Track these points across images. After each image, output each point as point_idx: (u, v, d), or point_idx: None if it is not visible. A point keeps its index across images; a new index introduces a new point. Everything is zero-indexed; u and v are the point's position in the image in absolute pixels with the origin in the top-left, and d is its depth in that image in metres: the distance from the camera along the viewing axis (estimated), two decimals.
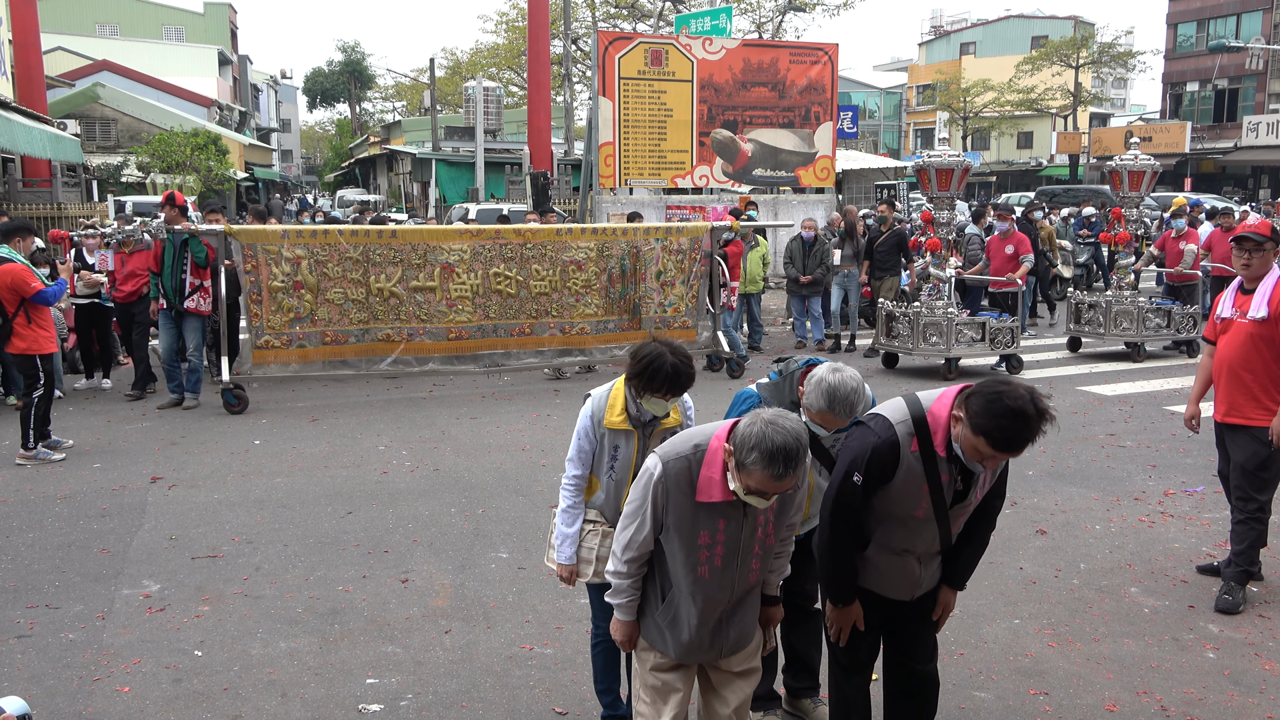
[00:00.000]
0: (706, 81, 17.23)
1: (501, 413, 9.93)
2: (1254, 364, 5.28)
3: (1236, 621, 5.16)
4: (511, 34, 41.52)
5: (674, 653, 3.20)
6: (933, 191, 11.51)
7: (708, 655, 3.22)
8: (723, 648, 3.22)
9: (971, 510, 3.41)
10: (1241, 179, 42.52)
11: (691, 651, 3.19)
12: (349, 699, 4.40)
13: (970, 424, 3.04)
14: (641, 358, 3.53)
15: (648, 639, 3.27)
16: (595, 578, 3.75)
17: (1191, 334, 12.56)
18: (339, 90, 70.31)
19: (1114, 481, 7.58)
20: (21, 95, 22.26)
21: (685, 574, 3.09)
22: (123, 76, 38.89)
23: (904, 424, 3.24)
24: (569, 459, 3.82)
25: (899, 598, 3.48)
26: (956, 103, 55.47)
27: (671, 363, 3.48)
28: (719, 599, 3.12)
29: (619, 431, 3.70)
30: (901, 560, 3.41)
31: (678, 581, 3.13)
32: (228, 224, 10.31)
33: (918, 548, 3.40)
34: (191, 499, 7.19)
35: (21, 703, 2.36)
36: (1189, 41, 44.85)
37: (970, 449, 3.09)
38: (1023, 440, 2.98)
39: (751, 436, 2.81)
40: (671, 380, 3.50)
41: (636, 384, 3.58)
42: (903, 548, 3.40)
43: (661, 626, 3.20)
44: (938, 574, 3.52)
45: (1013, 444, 2.99)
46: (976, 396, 3.04)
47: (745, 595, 3.21)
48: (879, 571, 3.44)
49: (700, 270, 11.53)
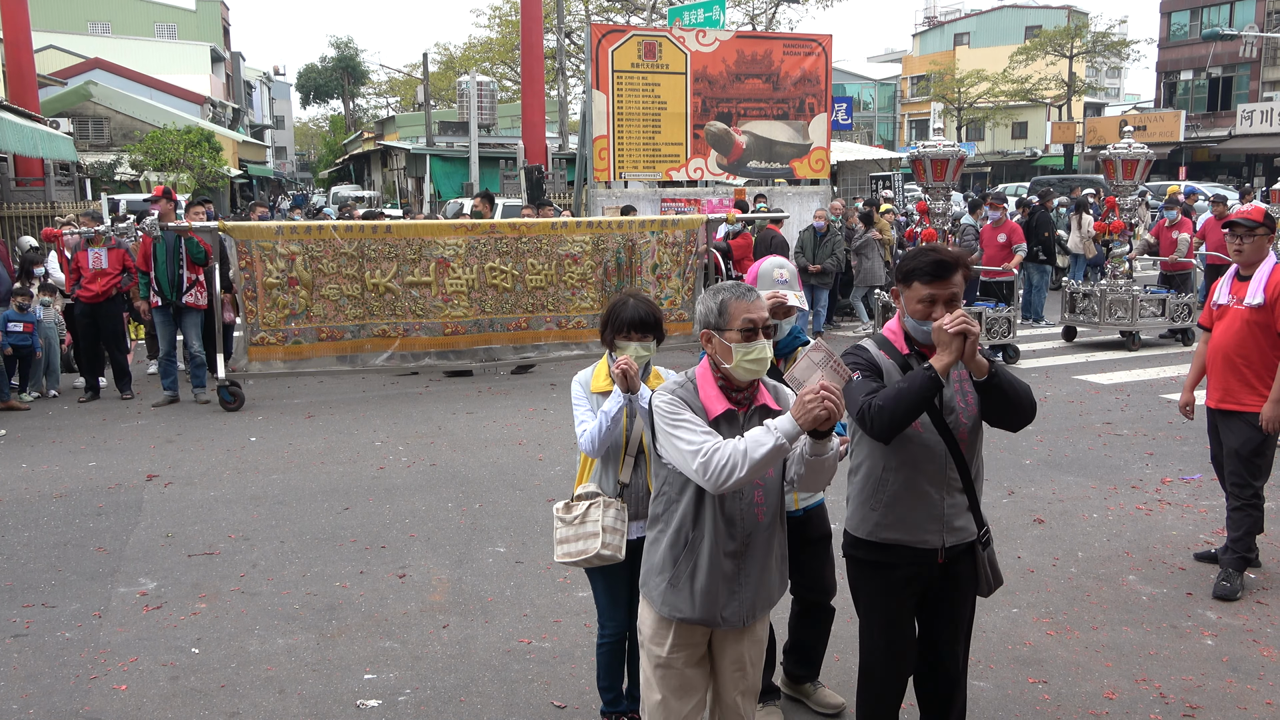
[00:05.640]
0: (700, 74, 17.18)
1: (498, 407, 9.92)
2: (1249, 350, 5.28)
3: (1234, 608, 5.17)
4: (505, 28, 41.40)
5: (696, 608, 3.08)
6: (928, 182, 11.51)
7: (726, 611, 3.10)
8: (741, 603, 3.11)
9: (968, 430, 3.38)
10: (1236, 167, 42.55)
11: (709, 601, 3.08)
12: (347, 695, 4.39)
13: (903, 281, 3.33)
14: (608, 308, 3.84)
15: (666, 612, 3.15)
16: (605, 549, 3.71)
17: (1186, 322, 12.57)
18: (332, 86, 70.09)
19: (1111, 470, 7.59)
20: (13, 94, 22.18)
21: (693, 512, 3.08)
22: (115, 74, 38.76)
23: (864, 341, 3.52)
24: (578, 423, 3.80)
25: (927, 543, 3.38)
26: (951, 94, 55.40)
27: (634, 304, 3.76)
28: (731, 534, 3.06)
29: (606, 394, 3.79)
30: (921, 495, 3.36)
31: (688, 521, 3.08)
32: (221, 220, 10.25)
33: (929, 470, 3.35)
34: (188, 496, 7.17)
35: None
36: (1183, 30, 44.83)
37: (915, 305, 3.30)
38: (946, 262, 3.26)
39: (707, 299, 3.11)
40: (634, 320, 3.72)
41: (608, 334, 3.80)
42: (917, 475, 3.35)
43: (683, 578, 3.10)
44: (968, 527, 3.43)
45: (941, 266, 3.25)
46: (895, 270, 3.44)
47: (758, 538, 3.11)
48: (902, 516, 3.37)
49: (696, 264, 11.52)
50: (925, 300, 3.26)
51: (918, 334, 3.33)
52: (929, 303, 3.25)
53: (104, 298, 10.39)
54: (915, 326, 3.32)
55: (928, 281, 3.25)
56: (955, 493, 3.39)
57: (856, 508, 3.49)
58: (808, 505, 4.11)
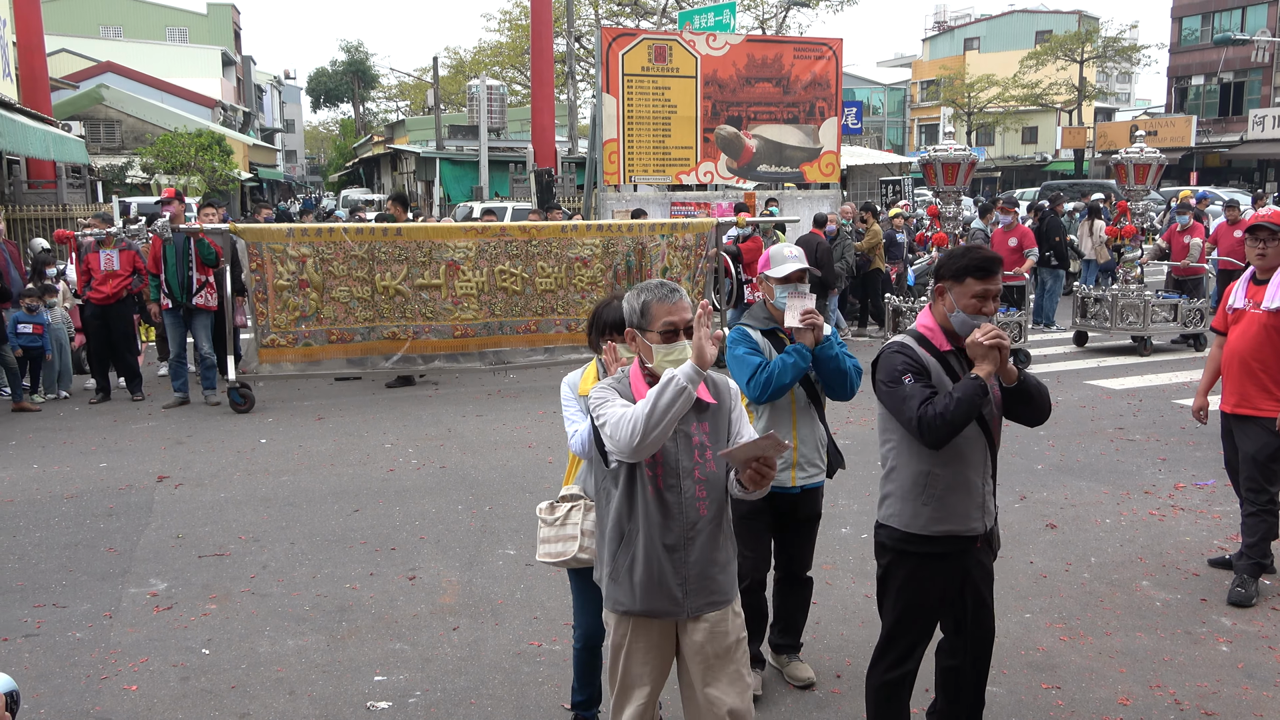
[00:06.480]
0: (710, 77, 17.18)
1: (507, 410, 9.92)
2: (1266, 355, 5.25)
3: (1249, 614, 5.13)
4: (515, 32, 41.46)
5: (636, 599, 3.12)
6: (939, 186, 11.48)
7: (672, 597, 3.11)
8: (687, 588, 3.11)
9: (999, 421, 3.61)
10: (1248, 172, 42.38)
11: (650, 591, 3.10)
12: (357, 696, 4.38)
13: (954, 278, 3.44)
14: (594, 310, 3.89)
15: (610, 605, 3.21)
16: (583, 553, 3.74)
17: (1198, 327, 12.51)
18: (343, 90, 70.33)
19: (1123, 475, 7.55)
20: (26, 97, 22.27)
21: (626, 504, 3.12)
22: (127, 78, 38.88)
23: (897, 339, 3.60)
24: (568, 423, 3.80)
25: (975, 529, 3.54)
26: (961, 98, 55.33)
27: (617, 306, 3.68)
28: (668, 526, 3.09)
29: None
30: (969, 485, 3.51)
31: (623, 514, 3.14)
32: (232, 223, 10.27)
33: (974, 460, 3.52)
34: (198, 498, 7.18)
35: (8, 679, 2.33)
36: (1194, 35, 44.66)
37: (968, 300, 3.42)
38: (996, 259, 3.47)
39: (631, 299, 3.18)
40: (617, 322, 3.68)
41: (593, 335, 3.84)
42: (965, 467, 3.50)
43: (621, 571, 3.15)
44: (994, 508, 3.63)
45: (993, 263, 3.44)
46: (942, 267, 3.50)
47: (701, 531, 3.12)
48: (953, 507, 3.50)
49: (706, 267, 11.50)
50: (979, 295, 3.41)
51: (964, 329, 3.45)
52: (982, 298, 3.41)
53: (115, 299, 10.44)
54: (965, 321, 3.45)
55: (981, 278, 3.40)
56: (989, 478, 3.60)
57: (905, 504, 3.55)
58: (805, 484, 4.28)
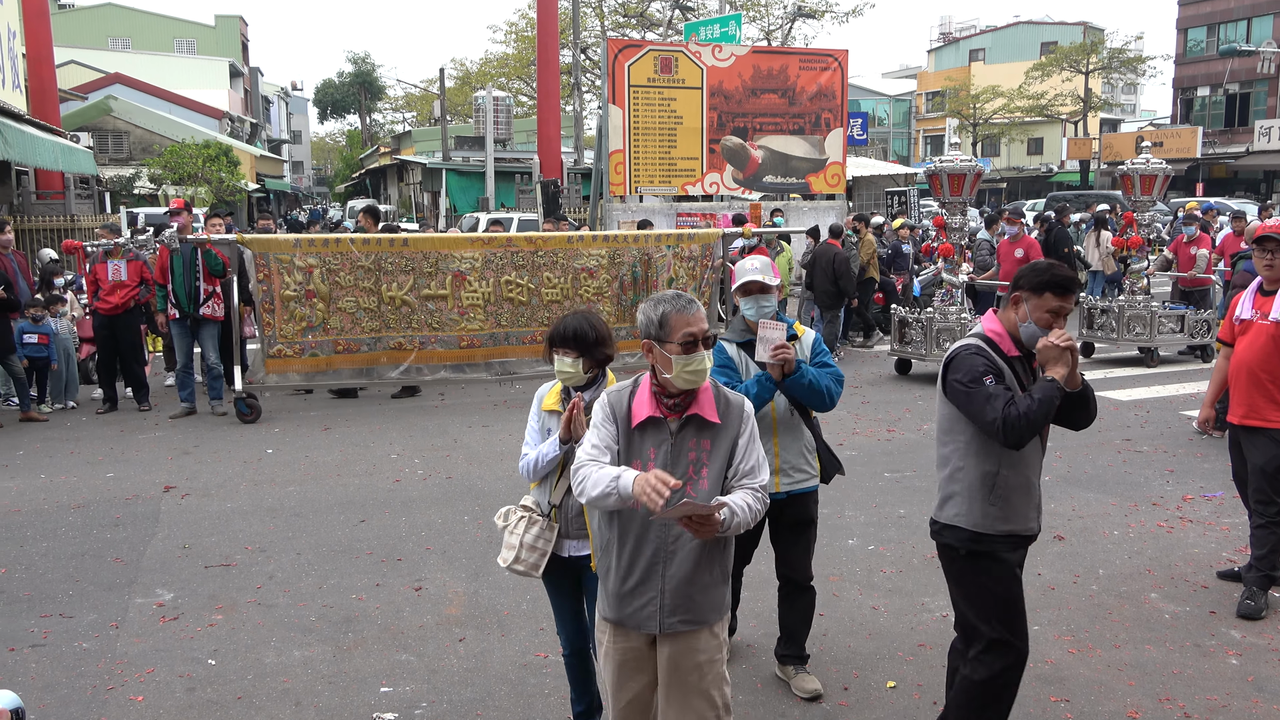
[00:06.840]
0: (716, 89, 17.22)
1: (513, 421, 9.91)
2: (1274, 366, 5.23)
3: (1259, 627, 5.11)
4: (521, 44, 41.60)
5: (610, 608, 3.18)
6: (945, 196, 11.48)
7: (645, 609, 3.11)
8: (661, 601, 3.10)
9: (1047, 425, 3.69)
10: (1253, 184, 42.32)
11: (622, 600, 3.14)
12: (363, 707, 4.38)
13: (1034, 290, 3.53)
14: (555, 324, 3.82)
15: (597, 610, 3.29)
16: (518, 564, 3.80)
17: (1205, 339, 12.48)
18: (349, 101, 70.54)
19: (1131, 487, 7.52)
20: (35, 108, 22.36)
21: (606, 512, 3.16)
22: (135, 89, 39.07)
23: (971, 341, 3.66)
24: (524, 441, 3.91)
25: (1032, 529, 3.69)
26: (966, 109, 55.35)
27: (573, 322, 3.69)
28: (645, 537, 3.11)
29: (553, 413, 3.83)
30: (1029, 486, 3.66)
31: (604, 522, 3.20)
32: (239, 233, 10.30)
33: (1035, 462, 3.67)
34: (204, 508, 7.19)
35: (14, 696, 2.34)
36: (1199, 46, 44.69)
37: (1043, 314, 3.51)
38: (1075, 279, 3.62)
39: (648, 310, 3.17)
40: (570, 335, 3.65)
41: (547, 347, 3.79)
42: (1028, 469, 3.64)
43: (602, 579, 3.25)
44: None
45: (1072, 283, 3.56)
46: (1022, 278, 3.58)
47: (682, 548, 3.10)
48: (1016, 507, 3.62)
49: (712, 278, 11.51)
50: (1053, 310, 3.52)
51: (1030, 340, 3.56)
52: (1055, 314, 3.52)
53: (122, 309, 10.44)
54: (1034, 333, 3.55)
55: (1060, 295, 3.52)
56: (1040, 478, 3.72)
57: (972, 504, 3.62)
58: (792, 490, 4.32)
